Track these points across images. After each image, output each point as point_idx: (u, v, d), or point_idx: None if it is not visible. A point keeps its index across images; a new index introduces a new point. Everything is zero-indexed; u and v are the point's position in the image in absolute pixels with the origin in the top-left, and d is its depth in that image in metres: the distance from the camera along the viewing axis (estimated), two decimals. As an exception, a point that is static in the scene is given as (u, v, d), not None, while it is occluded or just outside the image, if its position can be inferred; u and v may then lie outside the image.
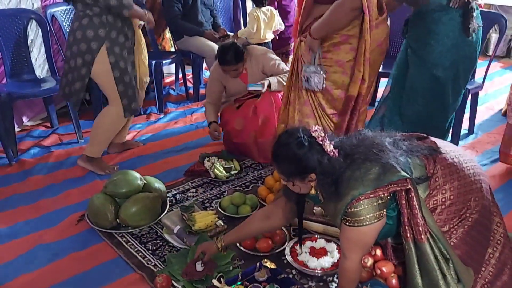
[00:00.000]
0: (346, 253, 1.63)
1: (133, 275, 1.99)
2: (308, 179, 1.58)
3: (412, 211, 1.55)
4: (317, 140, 1.56)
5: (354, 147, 1.60)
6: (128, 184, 2.33)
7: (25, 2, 3.28)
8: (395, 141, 1.64)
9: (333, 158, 1.55)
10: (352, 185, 1.53)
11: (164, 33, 4.46)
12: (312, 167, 1.55)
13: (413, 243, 1.58)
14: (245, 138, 2.96)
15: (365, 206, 1.52)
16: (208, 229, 2.19)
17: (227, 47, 2.89)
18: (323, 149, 1.55)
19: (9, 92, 2.99)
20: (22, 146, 3.17)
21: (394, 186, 1.53)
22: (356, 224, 1.54)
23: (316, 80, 2.39)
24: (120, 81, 2.65)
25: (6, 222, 2.37)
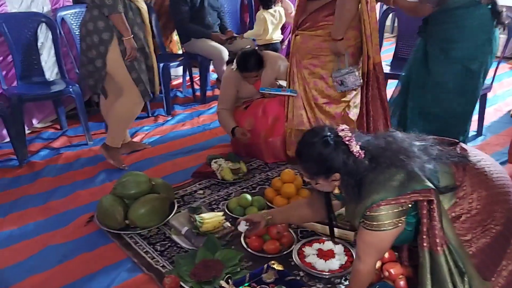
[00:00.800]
0: (361, 256, 1.62)
1: (141, 276, 2.01)
2: (332, 178, 1.57)
3: (431, 221, 1.52)
4: (343, 140, 1.54)
5: (381, 150, 1.56)
6: (137, 185, 2.35)
7: (35, 6, 3.33)
8: (425, 147, 1.60)
9: (358, 160, 1.53)
10: (374, 189, 1.51)
11: (172, 35, 4.49)
12: (336, 167, 1.53)
13: (428, 253, 1.56)
14: (255, 138, 2.97)
15: (385, 212, 1.50)
16: (216, 231, 2.20)
17: (249, 54, 2.91)
18: (349, 149, 1.53)
19: (19, 94, 3.03)
20: (32, 148, 3.21)
21: (417, 195, 1.50)
22: (374, 229, 1.53)
23: (352, 79, 2.58)
24: (132, 68, 2.69)
25: (17, 223, 2.40)
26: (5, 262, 2.10)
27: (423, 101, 2.45)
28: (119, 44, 2.62)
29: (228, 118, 3.00)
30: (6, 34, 3.09)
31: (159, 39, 4.09)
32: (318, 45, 2.64)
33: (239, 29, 4.74)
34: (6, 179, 2.82)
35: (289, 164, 2.98)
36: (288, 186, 2.51)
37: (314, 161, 1.56)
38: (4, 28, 3.08)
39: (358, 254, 1.64)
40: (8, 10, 3.17)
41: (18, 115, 3.03)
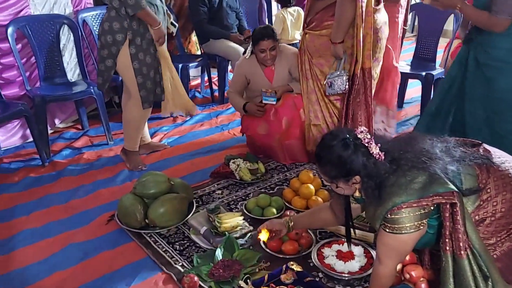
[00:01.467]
0: (381, 258, 1.61)
1: (161, 275, 2.03)
2: (352, 181, 1.56)
3: (455, 225, 1.50)
4: (362, 142, 1.52)
5: (402, 152, 1.54)
6: (156, 185, 2.37)
7: (57, 8, 3.39)
8: (447, 148, 1.58)
9: (379, 162, 1.51)
10: (395, 191, 1.49)
11: (191, 36, 4.52)
12: (356, 169, 1.51)
13: (451, 257, 1.54)
14: (270, 141, 2.97)
15: (407, 214, 1.48)
16: (234, 231, 2.21)
17: (263, 26, 2.99)
18: (369, 151, 1.51)
19: (42, 95, 3.09)
20: (54, 147, 3.27)
21: (440, 198, 1.48)
22: (395, 231, 1.51)
23: (339, 83, 2.65)
24: (139, 73, 2.70)
25: (40, 221, 2.45)
26: (28, 260, 2.14)
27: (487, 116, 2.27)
28: (130, 46, 2.63)
29: (237, 97, 3.08)
30: (30, 36, 3.16)
31: (178, 40, 4.13)
32: (324, 45, 2.69)
33: (258, 29, 4.75)
34: (29, 178, 2.88)
35: (310, 162, 3.00)
36: (306, 186, 2.50)
37: (333, 164, 1.54)
38: (28, 30, 3.15)
39: (379, 256, 1.62)
40: (31, 13, 3.24)
41: (41, 115, 3.09)
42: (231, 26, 4.14)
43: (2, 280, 2.01)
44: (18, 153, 3.22)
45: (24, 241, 2.28)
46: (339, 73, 2.64)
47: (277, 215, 2.39)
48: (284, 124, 2.92)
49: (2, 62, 3.12)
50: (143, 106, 2.79)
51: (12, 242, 2.27)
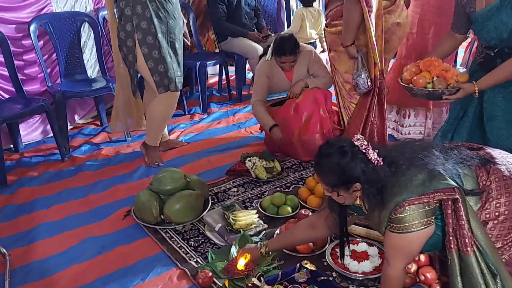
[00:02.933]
0: (390, 260, 1.60)
1: (175, 270, 2.05)
2: (353, 189, 1.56)
3: (458, 221, 1.48)
4: (360, 149, 1.53)
5: (399, 153, 1.55)
6: (173, 181, 2.39)
7: (78, 6, 3.45)
8: (445, 150, 1.57)
9: (378, 167, 1.51)
10: (396, 191, 1.49)
11: (209, 34, 4.53)
12: (356, 176, 1.51)
13: (457, 255, 1.52)
14: (289, 137, 2.96)
15: (410, 212, 1.47)
16: (249, 228, 2.22)
17: (287, 38, 2.92)
18: (367, 157, 1.52)
19: (63, 91, 3.15)
20: (74, 143, 3.33)
21: (441, 194, 1.47)
22: (401, 231, 1.50)
23: (361, 82, 2.70)
24: (148, 57, 2.68)
25: (59, 215, 2.49)
26: (47, 252, 2.19)
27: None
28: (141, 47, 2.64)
29: (265, 113, 2.99)
30: (51, 33, 3.22)
31: (196, 38, 4.15)
32: (334, 41, 2.77)
33: (276, 27, 4.75)
34: (49, 173, 2.94)
35: None
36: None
37: (332, 172, 1.54)
38: (49, 27, 3.21)
39: (387, 258, 1.61)
40: (53, 10, 3.30)
41: (62, 111, 3.15)
42: (249, 24, 4.15)
43: (21, 271, 2.06)
44: (38, 148, 3.29)
45: (43, 233, 2.33)
46: (359, 72, 2.70)
47: (292, 213, 2.38)
48: (303, 118, 2.92)
49: (25, 58, 3.19)
50: (158, 90, 2.76)
51: (31, 234, 2.32)
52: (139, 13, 2.61)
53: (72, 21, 3.34)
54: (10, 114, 2.84)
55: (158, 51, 2.68)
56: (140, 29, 2.63)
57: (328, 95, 3.03)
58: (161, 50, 2.68)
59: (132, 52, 2.68)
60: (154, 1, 2.61)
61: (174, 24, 2.74)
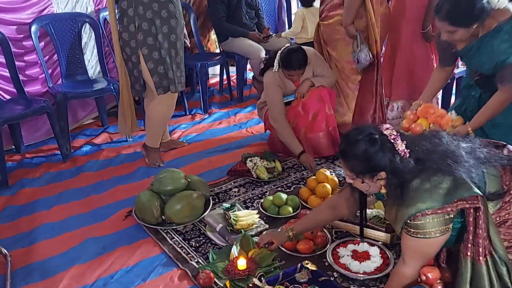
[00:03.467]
0: (405, 259, 1.60)
1: (176, 271, 2.05)
2: (377, 177, 1.54)
3: (477, 230, 1.48)
4: (389, 138, 1.51)
5: (427, 152, 1.52)
6: (174, 182, 2.39)
7: (79, 6, 3.45)
8: (473, 149, 1.55)
9: (404, 159, 1.49)
10: (419, 196, 1.47)
11: (210, 34, 4.54)
12: (383, 165, 1.49)
13: (470, 262, 1.51)
14: (296, 135, 2.96)
15: (430, 220, 1.46)
16: (250, 228, 2.22)
17: (295, 51, 2.85)
18: (395, 148, 1.50)
19: (64, 92, 3.15)
20: (75, 143, 3.33)
21: (464, 202, 1.46)
22: (419, 236, 1.49)
23: (363, 56, 2.91)
24: (149, 59, 2.67)
25: (60, 215, 2.49)
26: (48, 253, 2.19)
27: None
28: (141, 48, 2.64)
29: (293, 137, 2.88)
30: (52, 34, 3.22)
31: (197, 38, 4.15)
32: (332, 31, 3.00)
33: (277, 27, 4.74)
34: (51, 173, 2.94)
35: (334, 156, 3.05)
36: (323, 185, 2.49)
37: (359, 159, 1.52)
38: (51, 28, 3.21)
39: (403, 257, 1.60)
40: (54, 11, 3.30)
41: (63, 112, 3.15)
42: (250, 24, 4.15)
43: (23, 272, 2.06)
44: (40, 148, 3.29)
45: (44, 234, 2.33)
46: (360, 48, 2.89)
47: (293, 213, 2.38)
48: (310, 116, 2.93)
49: (26, 59, 3.20)
50: (157, 91, 2.75)
51: (32, 235, 2.32)
52: (141, 14, 2.60)
53: (73, 22, 3.35)
54: (12, 115, 2.84)
55: (159, 52, 2.67)
56: (141, 30, 2.63)
57: (332, 93, 3.03)
58: (161, 51, 2.67)
59: (136, 53, 2.68)
60: (156, 2, 2.61)
61: (175, 24, 2.73)
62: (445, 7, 1.95)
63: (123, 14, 2.63)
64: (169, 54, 2.72)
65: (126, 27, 2.64)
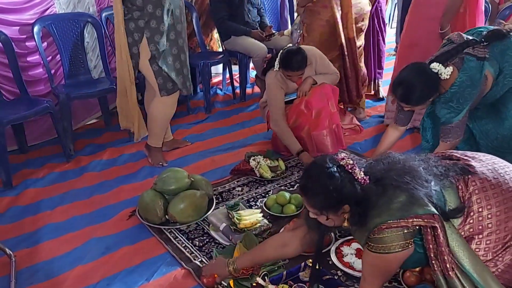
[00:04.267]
0: (366, 277, 1.58)
1: (180, 270, 2.05)
2: (341, 211, 1.51)
3: (438, 247, 1.47)
4: (346, 168, 1.48)
5: (384, 171, 1.51)
6: (177, 181, 2.39)
7: (82, 6, 3.45)
8: (429, 165, 1.55)
9: (365, 186, 1.47)
10: (376, 212, 1.46)
11: (212, 33, 4.54)
12: (345, 198, 1.47)
13: (442, 277, 1.50)
14: (299, 133, 2.96)
15: (389, 234, 1.44)
16: (253, 227, 2.21)
17: (295, 52, 2.84)
18: (354, 177, 1.47)
19: (67, 92, 3.15)
20: (78, 144, 3.34)
21: (419, 220, 1.44)
22: (379, 251, 1.47)
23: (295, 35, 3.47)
24: (153, 61, 2.69)
25: (64, 216, 2.50)
26: (52, 253, 2.20)
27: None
28: (149, 45, 2.64)
29: (291, 136, 2.90)
30: (55, 34, 3.23)
31: (199, 37, 4.15)
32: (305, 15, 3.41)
33: (279, 26, 4.74)
34: (54, 174, 2.95)
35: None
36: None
37: (321, 195, 1.49)
38: (53, 28, 3.21)
39: (364, 275, 1.59)
40: (56, 11, 3.31)
41: (66, 112, 3.16)
42: (252, 22, 4.14)
43: (27, 272, 2.07)
44: (43, 149, 3.30)
45: (48, 234, 2.34)
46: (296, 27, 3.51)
47: (297, 212, 2.38)
48: (314, 114, 2.93)
49: (28, 60, 3.20)
50: (161, 93, 2.77)
51: (37, 235, 2.33)
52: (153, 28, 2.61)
53: (75, 22, 3.35)
54: (15, 116, 2.84)
55: (163, 55, 2.70)
56: (154, 42, 2.64)
57: (335, 90, 3.03)
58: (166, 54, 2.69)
59: (136, 45, 2.68)
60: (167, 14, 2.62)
61: (181, 28, 2.76)
62: (399, 91, 2.15)
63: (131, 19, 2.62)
64: (174, 58, 2.73)
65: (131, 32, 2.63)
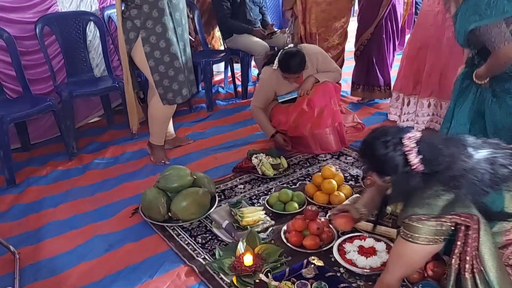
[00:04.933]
0: (389, 266, 1.60)
1: (183, 267, 2.05)
2: (384, 179, 1.56)
3: (465, 247, 1.48)
4: (404, 148, 1.47)
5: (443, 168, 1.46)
6: (179, 179, 2.40)
7: (84, 5, 3.46)
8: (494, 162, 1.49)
9: (413, 172, 1.46)
10: (419, 203, 1.46)
11: (214, 31, 4.54)
12: (388, 171, 1.51)
13: (454, 272, 1.52)
14: (301, 132, 2.97)
15: (423, 226, 1.46)
16: (256, 225, 2.22)
17: (293, 54, 2.85)
18: (407, 160, 1.46)
19: (70, 91, 3.16)
20: (81, 142, 3.34)
21: (457, 218, 1.45)
22: (408, 238, 1.48)
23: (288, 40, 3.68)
24: (155, 71, 2.71)
25: (67, 213, 2.51)
26: (56, 250, 2.20)
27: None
28: (144, 45, 2.66)
29: (266, 122, 3.06)
30: (57, 33, 3.23)
31: (201, 35, 4.15)
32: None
33: (281, 24, 4.74)
34: (57, 171, 2.96)
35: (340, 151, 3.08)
36: (328, 181, 2.48)
37: (369, 158, 1.56)
38: (56, 27, 3.22)
39: (388, 264, 1.61)
40: (59, 10, 3.31)
41: (69, 110, 3.16)
42: (254, 20, 4.14)
43: (31, 269, 2.08)
44: (46, 147, 3.31)
45: (51, 232, 2.34)
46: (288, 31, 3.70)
47: (299, 209, 2.38)
48: (316, 112, 2.93)
49: (31, 58, 3.21)
50: (162, 102, 2.81)
51: (40, 233, 2.34)
52: (149, 28, 2.62)
53: (78, 20, 3.35)
54: (18, 114, 2.85)
55: (165, 66, 2.71)
56: (148, 43, 2.65)
57: (337, 88, 3.03)
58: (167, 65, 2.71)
59: (132, 43, 2.68)
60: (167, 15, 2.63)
61: (182, 32, 2.77)
62: None
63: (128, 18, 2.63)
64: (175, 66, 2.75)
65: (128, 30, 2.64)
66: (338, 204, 2.34)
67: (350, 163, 2.94)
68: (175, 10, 2.70)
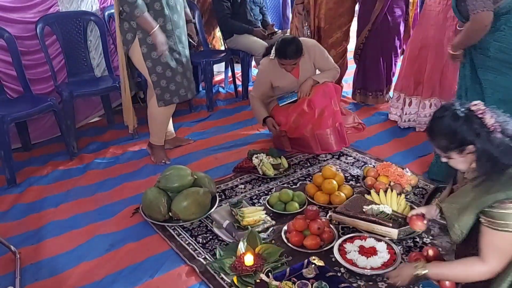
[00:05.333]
0: (485, 258, 1.47)
1: (184, 267, 2.06)
2: (466, 151, 1.50)
3: None
4: (476, 113, 1.48)
5: None
6: (180, 179, 2.40)
7: (85, 5, 3.46)
8: None
9: (494, 132, 1.45)
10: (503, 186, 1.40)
11: (214, 32, 4.54)
12: (469, 138, 1.47)
13: None
14: (302, 133, 2.98)
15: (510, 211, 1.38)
16: (256, 225, 2.22)
17: (289, 41, 2.89)
18: (483, 122, 1.46)
19: (70, 90, 3.16)
20: (81, 141, 3.35)
21: None
22: (496, 227, 1.41)
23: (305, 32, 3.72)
24: (152, 71, 2.73)
25: (68, 213, 2.51)
26: (57, 250, 2.21)
27: None
28: (141, 46, 2.66)
29: (260, 107, 3.10)
30: (58, 33, 3.23)
31: (202, 35, 4.15)
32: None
33: (281, 24, 4.74)
34: (58, 171, 2.96)
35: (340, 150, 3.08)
36: (329, 181, 2.49)
37: (444, 135, 1.52)
38: (56, 27, 3.22)
39: (482, 256, 1.48)
40: (59, 10, 3.31)
41: (69, 110, 3.16)
42: (254, 21, 4.14)
43: (32, 269, 2.08)
44: (47, 146, 3.31)
45: (52, 232, 2.34)
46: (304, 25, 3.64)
47: (300, 209, 2.38)
48: (317, 113, 2.94)
49: (32, 58, 3.21)
50: (158, 104, 2.82)
51: (41, 232, 2.34)
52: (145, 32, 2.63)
53: (79, 20, 3.35)
54: (19, 114, 2.85)
55: (162, 67, 2.72)
56: (145, 44, 2.65)
57: (337, 88, 3.03)
58: (165, 66, 2.72)
59: (129, 44, 2.70)
60: (163, 16, 2.64)
61: (179, 33, 2.77)
62: None
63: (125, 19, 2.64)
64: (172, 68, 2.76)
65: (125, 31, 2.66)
66: (338, 204, 2.35)
67: (351, 163, 2.94)
68: (173, 11, 2.70)
